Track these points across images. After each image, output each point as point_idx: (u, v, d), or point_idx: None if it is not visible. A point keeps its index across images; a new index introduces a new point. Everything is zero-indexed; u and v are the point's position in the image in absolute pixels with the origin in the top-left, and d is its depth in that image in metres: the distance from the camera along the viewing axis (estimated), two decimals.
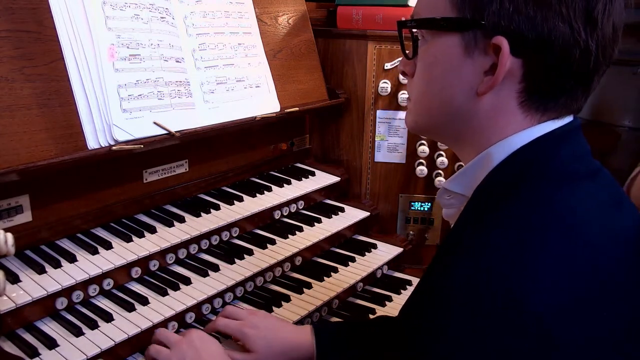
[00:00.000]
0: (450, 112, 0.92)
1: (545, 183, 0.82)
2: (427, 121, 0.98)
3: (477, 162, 0.91)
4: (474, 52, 0.86)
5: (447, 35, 0.88)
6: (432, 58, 0.92)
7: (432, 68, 0.92)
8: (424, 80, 0.94)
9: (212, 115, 1.73)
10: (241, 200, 1.84)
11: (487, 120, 0.89)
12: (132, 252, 1.48)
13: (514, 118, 0.87)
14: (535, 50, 0.82)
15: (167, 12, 1.66)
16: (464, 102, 0.89)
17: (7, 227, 1.36)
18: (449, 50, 0.88)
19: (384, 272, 1.97)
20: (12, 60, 1.32)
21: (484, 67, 0.85)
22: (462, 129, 0.92)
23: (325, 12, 2.36)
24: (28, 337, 1.26)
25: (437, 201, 1.03)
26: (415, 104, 0.98)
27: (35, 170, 1.30)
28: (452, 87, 0.89)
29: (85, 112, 1.42)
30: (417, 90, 0.97)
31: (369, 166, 2.23)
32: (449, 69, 0.89)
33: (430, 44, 0.91)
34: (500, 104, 0.87)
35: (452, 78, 0.89)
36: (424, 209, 2.24)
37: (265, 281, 1.70)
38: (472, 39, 0.85)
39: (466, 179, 0.94)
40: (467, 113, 0.90)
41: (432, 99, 0.94)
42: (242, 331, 1.30)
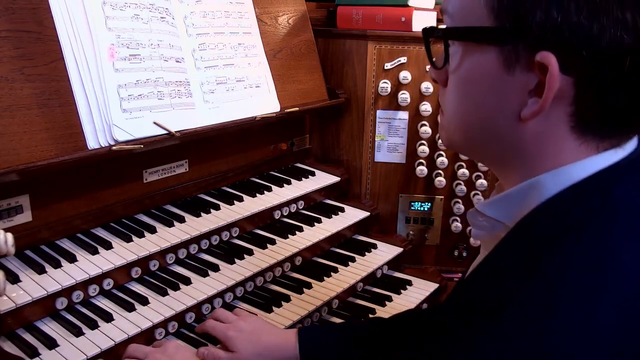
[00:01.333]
0: (490, 135, 0.80)
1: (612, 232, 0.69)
2: (464, 141, 0.87)
3: (524, 189, 0.78)
4: (515, 68, 0.73)
5: (483, 47, 0.76)
6: (466, 73, 0.80)
7: (466, 84, 0.80)
8: (458, 95, 0.83)
9: (212, 115, 1.73)
10: (241, 200, 1.84)
11: (535, 147, 0.76)
12: (132, 252, 1.48)
13: (567, 145, 0.74)
14: (591, 68, 0.68)
15: (167, 12, 1.66)
16: (505, 126, 0.77)
17: (7, 227, 1.36)
18: (485, 66, 0.76)
19: (384, 272, 1.97)
20: (12, 60, 1.32)
21: (529, 86, 0.72)
22: (505, 153, 0.81)
23: (325, 12, 2.36)
24: (28, 337, 1.26)
25: (470, 221, 0.90)
26: (450, 121, 0.86)
27: (35, 170, 1.30)
28: (491, 108, 0.78)
29: (85, 112, 1.42)
30: (450, 105, 0.85)
31: (369, 166, 2.23)
32: (486, 87, 0.77)
33: (464, 56, 0.79)
34: (549, 129, 0.74)
35: (490, 98, 0.77)
36: (424, 209, 2.24)
37: (265, 281, 1.70)
38: (512, 54, 0.72)
39: (508, 205, 0.81)
40: (509, 137, 0.78)
41: (469, 119, 0.82)
42: (226, 334, 1.30)
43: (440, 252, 2.29)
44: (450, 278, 2.25)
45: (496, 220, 0.84)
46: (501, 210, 0.83)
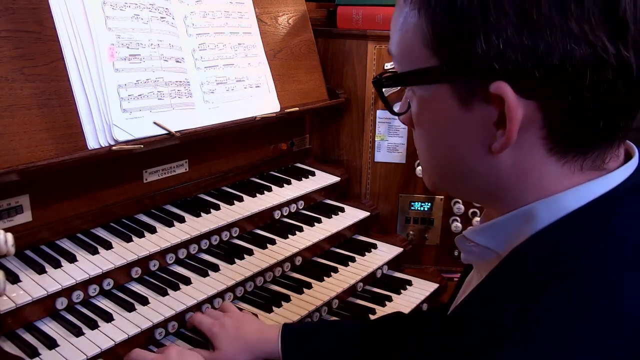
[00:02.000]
0: (466, 173, 0.76)
1: (613, 268, 0.64)
2: (444, 182, 0.83)
3: (515, 217, 0.74)
4: (472, 103, 0.68)
5: (435, 87, 0.72)
6: (427, 115, 0.76)
7: (430, 127, 0.77)
8: (426, 141, 0.79)
9: (212, 115, 1.73)
10: (241, 200, 1.84)
11: (515, 177, 0.72)
12: (132, 252, 1.48)
13: (548, 168, 0.70)
14: (550, 88, 0.64)
15: (167, 12, 1.66)
16: (479, 162, 0.73)
17: (7, 227, 1.36)
18: (442, 106, 0.71)
19: (384, 272, 1.97)
20: (12, 60, 1.32)
21: (492, 118, 0.68)
22: (486, 188, 0.76)
23: (325, 12, 2.36)
24: (28, 337, 1.26)
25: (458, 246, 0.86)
26: (425, 165, 0.83)
27: (35, 170, 1.30)
28: (460, 148, 0.73)
29: (85, 112, 1.42)
30: (421, 150, 0.82)
31: (369, 166, 2.23)
32: (449, 127, 0.73)
33: (420, 99, 0.76)
34: (525, 158, 0.70)
35: (456, 137, 0.73)
36: (424, 209, 2.24)
37: (265, 281, 1.70)
38: (465, 89, 0.68)
39: (497, 233, 0.77)
40: (486, 173, 0.73)
41: (441, 161, 0.79)
42: (211, 330, 1.35)
43: (440, 252, 2.29)
44: (450, 278, 2.25)
45: (487, 248, 0.80)
46: (491, 238, 0.79)
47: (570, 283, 0.65)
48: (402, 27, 0.74)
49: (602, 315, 0.62)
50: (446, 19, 0.66)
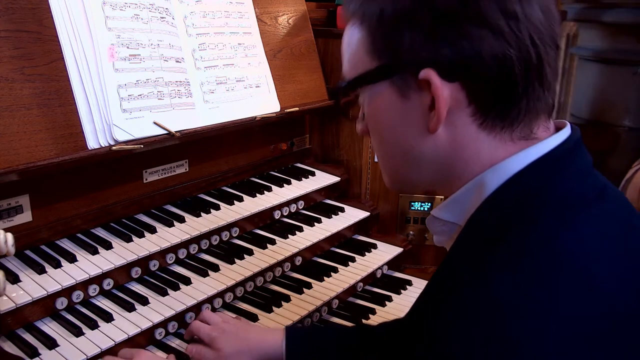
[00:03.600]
0: (415, 160, 0.86)
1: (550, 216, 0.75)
2: (401, 179, 0.94)
3: (469, 189, 0.84)
4: (409, 93, 0.81)
5: (377, 86, 0.84)
6: (375, 112, 0.88)
7: (378, 122, 0.89)
8: (377, 140, 0.91)
9: (212, 115, 1.73)
10: (241, 200, 1.84)
11: (455, 154, 0.83)
12: (132, 252, 1.48)
13: (482, 143, 0.81)
14: (466, 70, 0.76)
15: (167, 12, 1.66)
16: (423, 145, 0.84)
17: (7, 227, 1.36)
18: (386, 100, 0.84)
19: (384, 272, 1.97)
20: (12, 60, 1.32)
21: (426, 103, 0.80)
22: (435, 172, 0.87)
23: (325, 12, 2.36)
24: (28, 337, 1.26)
25: (430, 228, 0.96)
26: (382, 161, 0.94)
27: (35, 170, 1.30)
28: (404, 135, 0.85)
29: (85, 112, 1.42)
30: (377, 150, 0.94)
31: (369, 166, 2.23)
32: (393, 116, 0.85)
33: (370, 100, 0.88)
34: (459, 134, 0.81)
35: (400, 125, 0.85)
36: (424, 209, 2.24)
37: (265, 281, 1.70)
38: (402, 82, 0.81)
39: (457, 206, 0.87)
40: (431, 154, 0.84)
41: (393, 153, 0.90)
42: (210, 335, 1.34)
43: (440, 252, 2.29)
44: None
45: (452, 223, 0.89)
46: (453, 212, 0.88)
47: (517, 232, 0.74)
48: (349, 44, 0.87)
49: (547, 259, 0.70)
50: (379, 24, 0.80)
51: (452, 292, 0.73)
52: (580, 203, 0.77)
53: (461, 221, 0.87)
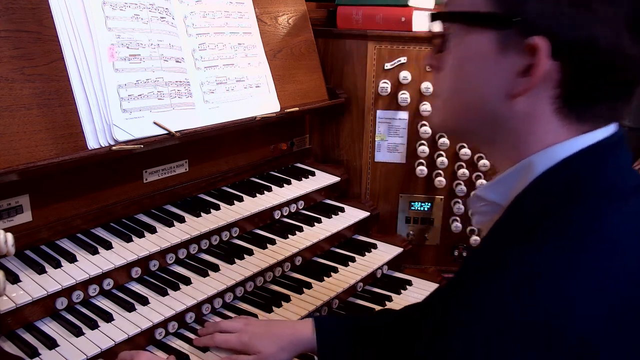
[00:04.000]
0: (481, 114, 0.87)
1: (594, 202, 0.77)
2: (457, 122, 0.93)
3: (517, 170, 0.85)
4: (508, 51, 0.80)
5: (481, 31, 0.83)
6: (464, 54, 0.86)
7: (463, 65, 0.87)
8: (453, 77, 0.89)
9: (212, 115, 1.73)
10: (241, 200, 1.84)
11: (522, 126, 0.83)
12: (132, 252, 1.48)
13: (550, 126, 0.82)
14: (575, 54, 0.76)
15: (167, 12, 1.66)
16: (495, 104, 0.84)
17: (7, 227, 1.36)
18: (482, 47, 0.83)
19: (384, 272, 1.97)
20: (12, 60, 1.32)
21: (519, 67, 0.80)
22: (495, 132, 0.87)
23: (325, 12, 2.36)
24: (28, 337, 1.26)
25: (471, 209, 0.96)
26: (445, 102, 0.93)
27: (35, 170, 1.30)
28: (483, 87, 0.84)
29: (85, 112, 1.42)
30: (445, 87, 0.91)
31: (369, 166, 2.23)
32: (481, 66, 0.84)
33: (463, 39, 0.86)
34: (534, 110, 0.82)
35: (484, 77, 0.84)
36: (424, 209, 2.24)
37: (265, 281, 1.70)
38: (507, 37, 0.80)
39: (503, 187, 0.88)
40: (499, 116, 0.84)
41: (462, 98, 0.89)
42: (241, 342, 1.33)
43: (440, 252, 2.29)
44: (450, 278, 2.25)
45: (495, 203, 0.90)
46: (499, 192, 0.89)
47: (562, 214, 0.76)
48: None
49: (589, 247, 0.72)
50: None
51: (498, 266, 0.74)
52: (621, 194, 0.78)
53: (504, 202, 0.87)
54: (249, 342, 1.31)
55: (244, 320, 1.41)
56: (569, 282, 0.69)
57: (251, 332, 1.34)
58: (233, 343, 1.34)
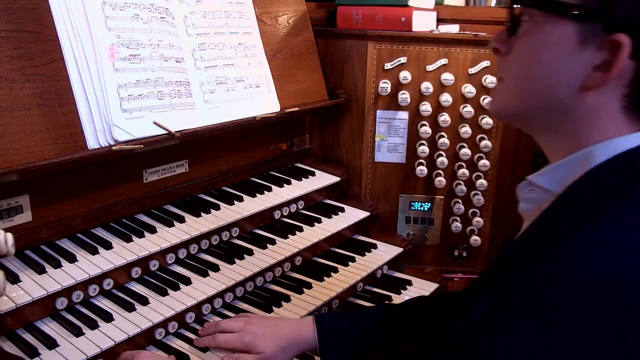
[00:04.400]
0: (548, 103, 0.86)
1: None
2: (519, 108, 0.92)
3: (575, 159, 0.85)
4: (588, 44, 0.80)
5: (563, 21, 0.82)
6: (541, 41, 0.85)
7: (538, 52, 0.86)
8: (525, 63, 0.88)
9: (212, 115, 1.73)
10: (241, 200, 1.84)
11: (587, 119, 0.84)
12: (132, 252, 1.48)
13: (615, 122, 0.83)
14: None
15: (167, 12, 1.66)
16: (565, 95, 0.84)
17: (7, 227, 1.36)
18: (561, 38, 0.82)
19: (384, 272, 1.97)
20: (12, 60, 1.32)
21: (595, 62, 0.80)
22: (558, 122, 0.87)
23: (325, 12, 2.36)
24: (28, 337, 1.26)
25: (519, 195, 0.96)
26: (510, 86, 0.92)
27: (35, 170, 1.30)
28: (556, 77, 0.84)
29: (85, 112, 1.42)
30: (514, 70, 0.90)
31: (369, 166, 2.23)
32: (557, 57, 0.83)
33: (541, 26, 0.85)
34: (602, 104, 0.82)
35: (558, 67, 0.84)
36: (424, 209, 2.24)
37: (265, 281, 1.70)
38: (590, 31, 0.79)
39: (558, 174, 0.88)
40: (566, 107, 0.85)
41: (531, 84, 0.88)
42: (243, 342, 1.32)
43: (440, 252, 2.29)
44: (450, 278, 2.26)
45: (546, 190, 0.90)
46: (552, 180, 0.89)
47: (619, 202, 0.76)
48: None
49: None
50: None
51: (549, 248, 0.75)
52: None
53: (557, 189, 0.87)
54: (251, 342, 1.31)
55: (245, 319, 1.41)
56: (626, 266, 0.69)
57: (252, 331, 1.34)
58: (234, 343, 1.33)
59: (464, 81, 2.13)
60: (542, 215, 0.87)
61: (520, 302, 0.72)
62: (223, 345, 1.36)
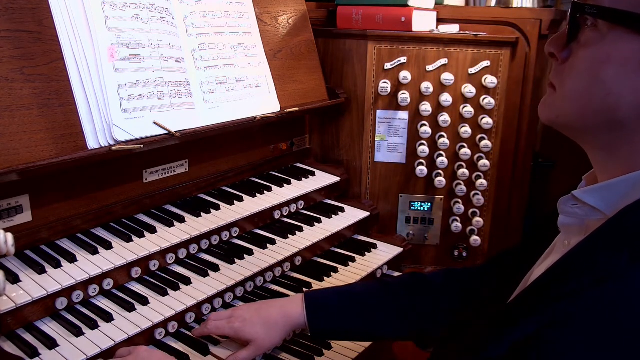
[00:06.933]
0: (609, 120, 0.80)
1: None
2: (576, 120, 0.85)
3: (632, 179, 0.80)
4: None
5: (631, 34, 0.76)
6: (605, 57, 0.79)
7: (601, 68, 0.79)
8: (585, 79, 0.82)
9: (212, 115, 1.73)
10: (241, 200, 1.84)
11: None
12: (132, 252, 1.48)
13: None
14: None
15: (167, 12, 1.66)
16: (627, 116, 0.78)
17: (7, 227, 1.36)
18: (628, 53, 0.77)
19: (384, 272, 1.97)
20: (12, 60, 1.32)
21: None
22: (616, 141, 0.82)
23: (325, 12, 2.36)
24: (28, 337, 1.26)
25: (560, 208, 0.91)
26: (565, 98, 0.85)
27: (35, 170, 1.30)
28: (619, 97, 0.78)
29: (85, 112, 1.42)
30: (572, 82, 0.84)
31: (369, 166, 2.23)
32: (622, 75, 0.77)
33: (606, 38, 0.79)
34: None
35: (622, 87, 0.78)
36: (424, 209, 2.24)
37: (265, 281, 1.70)
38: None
39: (610, 194, 0.82)
40: (627, 127, 0.79)
41: (591, 102, 0.81)
42: (232, 327, 1.34)
43: (440, 252, 2.29)
44: None
45: (593, 209, 0.85)
46: (602, 199, 0.84)
47: None
48: None
49: None
50: None
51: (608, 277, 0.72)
52: None
53: (608, 210, 0.82)
54: (240, 327, 1.32)
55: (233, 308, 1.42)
56: None
57: (241, 316, 1.35)
58: (224, 329, 1.35)
59: (464, 81, 2.13)
60: (594, 236, 0.81)
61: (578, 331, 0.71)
62: (214, 332, 1.38)
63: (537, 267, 1.01)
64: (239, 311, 1.37)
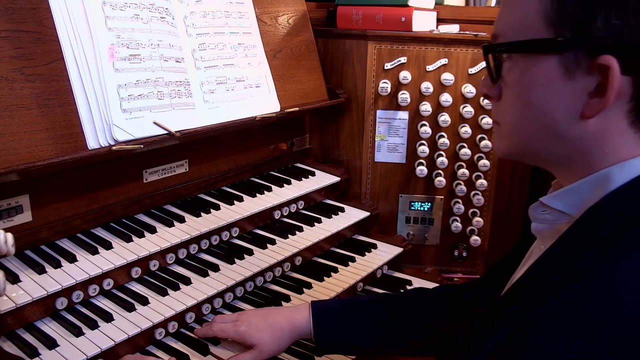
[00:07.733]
0: (552, 138, 0.84)
1: None
2: (525, 148, 0.90)
3: (591, 181, 0.83)
4: (575, 73, 0.78)
5: (543, 57, 0.80)
6: (528, 83, 0.83)
7: (528, 92, 0.84)
8: (519, 105, 0.86)
9: (212, 115, 1.73)
10: (241, 200, 1.84)
11: (597, 144, 0.82)
12: (132, 252, 1.48)
13: (626, 139, 0.81)
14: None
15: (167, 12, 1.66)
16: (567, 127, 0.82)
17: (7, 227, 1.36)
18: (546, 73, 0.80)
19: (384, 272, 1.97)
20: (12, 60, 1.32)
21: (589, 88, 0.78)
22: (567, 153, 0.85)
23: (325, 12, 2.36)
24: (28, 337, 1.26)
25: (531, 215, 0.94)
26: (510, 131, 0.90)
27: (35, 170, 1.30)
28: (553, 112, 0.82)
29: (85, 112, 1.42)
30: (510, 115, 0.89)
31: (369, 166, 2.23)
32: (548, 93, 0.81)
33: (524, 67, 0.84)
34: (609, 126, 0.80)
35: (552, 103, 0.81)
36: (424, 209, 2.24)
37: (265, 281, 1.70)
38: (573, 60, 0.78)
39: (574, 197, 0.86)
40: (572, 138, 0.82)
41: (531, 125, 0.86)
42: (237, 330, 1.33)
43: (440, 252, 2.29)
44: (450, 278, 2.26)
45: (561, 212, 0.88)
46: (567, 202, 0.87)
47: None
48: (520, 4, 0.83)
49: None
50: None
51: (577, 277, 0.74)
52: None
53: (574, 213, 0.86)
54: (245, 331, 1.32)
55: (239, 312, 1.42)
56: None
57: (247, 321, 1.34)
58: (229, 332, 1.35)
59: (464, 81, 2.13)
60: (563, 239, 0.84)
61: (550, 330, 0.72)
62: (219, 334, 1.37)
63: (517, 272, 1.03)
64: (245, 315, 1.37)
